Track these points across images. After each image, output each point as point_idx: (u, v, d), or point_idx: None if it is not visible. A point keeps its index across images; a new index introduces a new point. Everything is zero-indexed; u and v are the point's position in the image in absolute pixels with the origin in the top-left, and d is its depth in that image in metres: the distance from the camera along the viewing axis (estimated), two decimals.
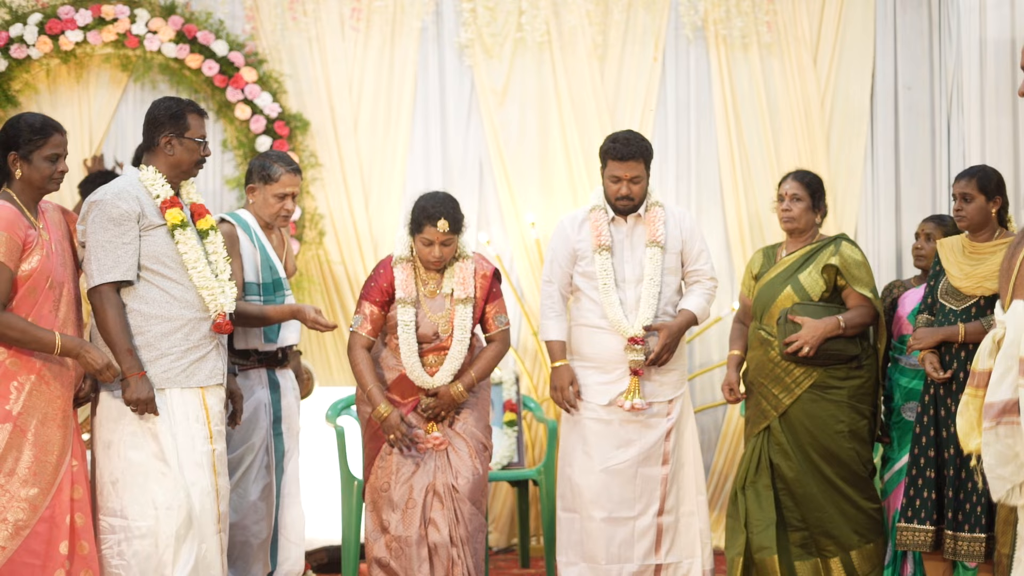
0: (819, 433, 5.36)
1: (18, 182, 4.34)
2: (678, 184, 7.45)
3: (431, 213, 4.96)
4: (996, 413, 3.35)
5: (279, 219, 5.23)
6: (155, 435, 4.42)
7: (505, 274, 7.24)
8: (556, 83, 7.35)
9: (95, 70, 7.14)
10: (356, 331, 5.06)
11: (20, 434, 4.23)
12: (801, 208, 5.51)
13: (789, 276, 5.47)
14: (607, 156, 5.39)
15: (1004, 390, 3.33)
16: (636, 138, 5.36)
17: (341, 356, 7.15)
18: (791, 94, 7.40)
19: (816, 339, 5.29)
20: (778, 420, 5.41)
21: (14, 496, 4.22)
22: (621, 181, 5.34)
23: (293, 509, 5.17)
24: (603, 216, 5.41)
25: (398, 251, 5.13)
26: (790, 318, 5.35)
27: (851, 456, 5.36)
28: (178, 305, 4.48)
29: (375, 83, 7.28)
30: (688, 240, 5.45)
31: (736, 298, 7.34)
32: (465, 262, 5.11)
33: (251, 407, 5.06)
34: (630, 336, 5.30)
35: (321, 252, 7.11)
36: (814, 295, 5.40)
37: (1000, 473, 3.36)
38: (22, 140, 4.32)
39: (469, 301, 5.06)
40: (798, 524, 5.39)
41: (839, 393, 5.37)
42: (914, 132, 7.40)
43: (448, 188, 7.31)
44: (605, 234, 5.38)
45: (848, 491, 5.36)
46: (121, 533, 4.39)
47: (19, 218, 4.25)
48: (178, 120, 4.57)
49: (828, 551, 5.37)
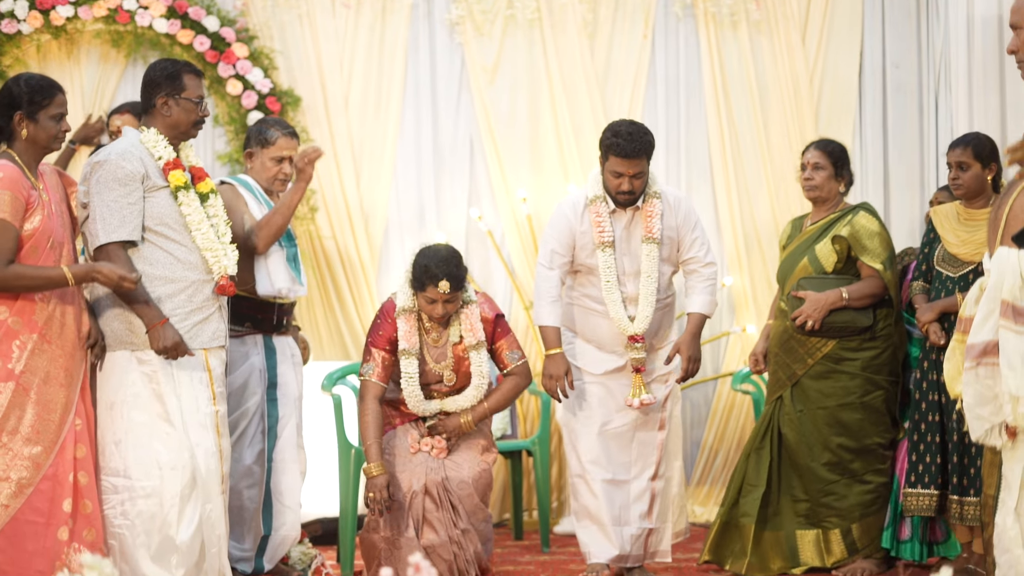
0: (829, 403, 5.39)
1: (22, 142, 4.34)
2: (667, 161, 7.49)
3: (433, 273, 4.90)
4: (977, 354, 3.41)
5: (276, 183, 5.25)
6: (160, 396, 4.43)
7: (496, 249, 7.27)
8: (546, 60, 7.38)
9: (86, 46, 7.12)
10: (368, 379, 5.01)
11: (23, 393, 4.23)
12: (823, 177, 5.50)
13: (808, 247, 5.49)
14: (610, 151, 5.14)
15: (986, 331, 3.39)
16: (640, 132, 5.12)
17: (332, 332, 7.18)
18: (780, 72, 7.44)
19: (819, 312, 5.31)
20: (790, 390, 5.45)
21: (17, 454, 4.22)
22: (623, 176, 5.13)
23: (289, 475, 5.17)
24: (604, 208, 5.22)
25: (401, 301, 5.05)
26: (794, 294, 5.39)
27: (860, 427, 5.39)
28: (181, 267, 4.49)
29: (366, 60, 7.29)
30: (682, 226, 5.28)
31: (727, 273, 7.41)
32: (471, 307, 5.07)
33: (246, 373, 5.07)
34: (630, 335, 5.22)
35: (312, 227, 7.12)
36: (827, 266, 5.42)
37: (979, 413, 3.42)
38: (27, 100, 4.32)
39: (482, 346, 5.07)
40: (801, 496, 5.43)
41: (852, 364, 5.39)
42: (902, 110, 7.46)
43: (439, 165, 7.36)
44: (608, 229, 5.20)
45: (854, 464, 5.38)
46: (125, 493, 4.39)
47: (22, 177, 4.26)
48: (174, 80, 4.57)
49: (829, 523, 5.40)
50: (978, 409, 3.42)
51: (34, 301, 4.26)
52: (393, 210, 7.32)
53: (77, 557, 4.24)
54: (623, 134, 5.10)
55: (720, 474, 7.33)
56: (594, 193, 5.23)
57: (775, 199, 7.40)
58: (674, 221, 5.26)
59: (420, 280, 4.93)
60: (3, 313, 4.22)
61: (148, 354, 4.43)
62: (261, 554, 5.11)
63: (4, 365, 4.21)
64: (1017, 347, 3.30)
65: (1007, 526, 3.37)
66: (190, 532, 4.41)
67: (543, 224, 7.28)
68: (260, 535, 5.11)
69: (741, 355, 7.34)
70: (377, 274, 7.25)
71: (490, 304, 5.16)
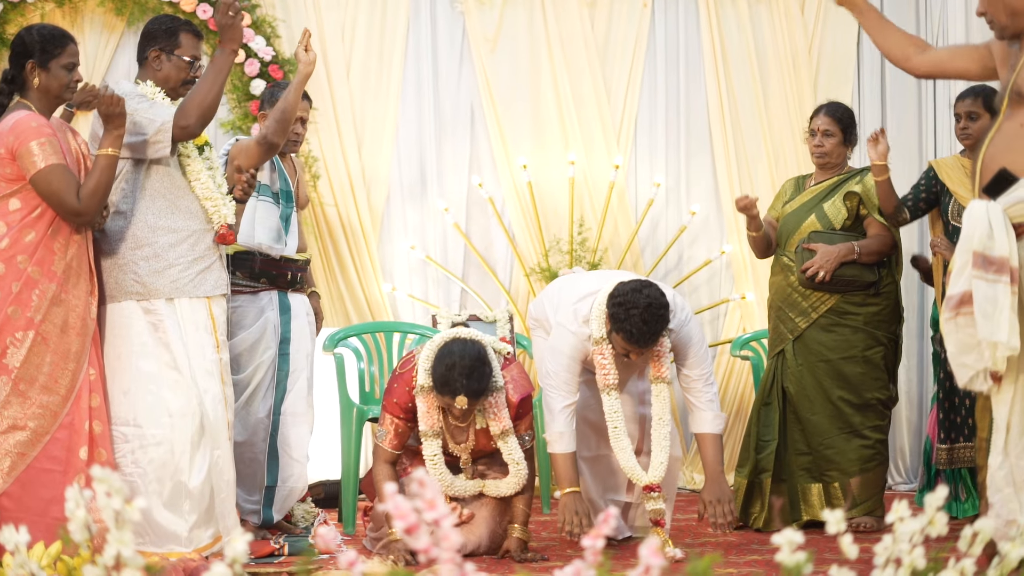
0: (831, 356, 5.44)
1: (35, 91, 4.36)
2: (667, 132, 7.53)
3: (453, 387, 4.55)
4: (955, 304, 3.47)
5: (289, 144, 5.30)
6: (167, 344, 4.47)
7: (497, 216, 7.32)
8: (547, 30, 7.42)
9: (89, 15, 7.16)
10: (380, 445, 4.81)
11: (42, 342, 4.27)
12: (833, 143, 5.55)
13: (814, 205, 5.53)
14: (619, 331, 4.62)
15: (962, 282, 3.45)
16: (655, 319, 4.58)
17: (335, 298, 7.22)
18: (779, 42, 7.49)
19: (831, 263, 5.35)
20: (792, 344, 5.50)
21: (35, 403, 4.26)
22: (631, 352, 4.71)
23: (297, 427, 5.21)
24: (608, 349, 4.75)
25: (421, 377, 4.68)
26: (804, 246, 5.43)
27: (861, 381, 5.44)
28: (183, 216, 4.53)
29: (367, 28, 7.33)
30: (683, 347, 4.85)
31: (726, 241, 7.46)
32: (498, 395, 4.72)
33: (260, 328, 5.11)
34: (645, 485, 4.80)
35: (315, 195, 7.17)
36: (836, 223, 5.47)
37: (963, 361, 3.48)
38: (39, 48, 4.34)
39: (509, 432, 4.74)
40: (804, 448, 5.48)
41: (855, 319, 5.45)
42: (900, 79, 7.49)
43: (440, 133, 7.40)
44: (612, 371, 4.77)
45: (854, 418, 5.44)
46: (135, 441, 4.42)
47: (47, 122, 4.31)
48: (171, 36, 4.58)
49: (830, 476, 5.45)
50: (961, 357, 3.48)
51: (53, 252, 4.30)
52: (395, 177, 7.37)
53: (92, 504, 4.28)
54: (636, 322, 4.56)
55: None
56: (600, 334, 4.75)
57: (774, 168, 7.44)
58: (679, 347, 4.86)
59: (438, 384, 4.58)
60: (23, 263, 4.26)
61: (154, 304, 4.47)
62: (269, 505, 5.16)
63: (24, 314, 4.25)
64: (987, 294, 3.37)
65: (997, 465, 3.43)
66: (201, 478, 4.45)
67: (543, 192, 7.35)
68: (263, 485, 5.16)
69: (741, 322, 7.40)
70: (379, 241, 7.29)
71: (517, 383, 4.78)
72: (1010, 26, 3.61)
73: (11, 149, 4.24)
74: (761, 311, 7.23)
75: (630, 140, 7.48)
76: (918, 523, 2.19)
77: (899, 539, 2.15)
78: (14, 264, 4.25)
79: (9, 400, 4.24)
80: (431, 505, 1.99)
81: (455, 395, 4.54)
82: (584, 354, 4.82)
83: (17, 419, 4.24)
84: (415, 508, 1.96)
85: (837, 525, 2.21)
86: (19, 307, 4.25)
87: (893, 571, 2.16)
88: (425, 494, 1.98)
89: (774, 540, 2.07)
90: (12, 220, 4.26)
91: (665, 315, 4.60)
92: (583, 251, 7.16)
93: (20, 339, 4.25)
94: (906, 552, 2.15)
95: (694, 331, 4.86)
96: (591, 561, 2.02)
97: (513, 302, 7.28)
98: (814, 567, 2.03)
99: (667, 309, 4.60)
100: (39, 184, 4.25)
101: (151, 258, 4.47)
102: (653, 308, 4.56)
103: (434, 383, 4.59)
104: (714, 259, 7.39)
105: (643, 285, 4.64)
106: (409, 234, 7.34)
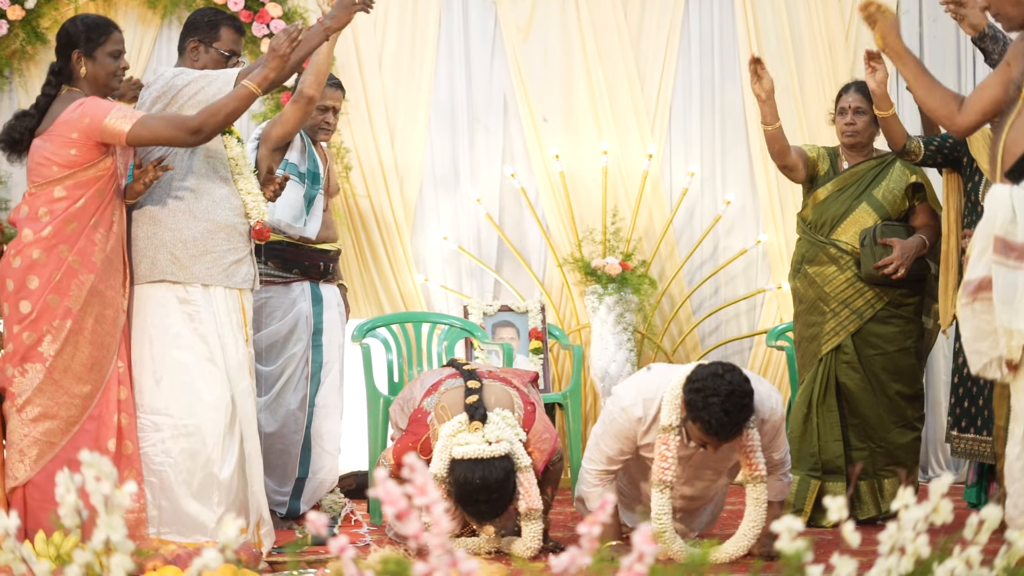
0: (889, 348, 5.34)
1: (83, 81, 4.37)
2: (702, 120, 7.47)
3: (480, 517, 4.54)
4: (972, 290, 3.41)
5: (320, 132, 5.29)
6: (202, 336, 4.45)
7: (530, 207, 7.28)
8: (580, 18, 7.37)
9: (123, 8, 7.19)
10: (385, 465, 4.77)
11: (78, 331, 4.29)
12: (865, 121, 5.43)
13: (861, 192, 5.40)
14: (696, 420, 4.25)
15: (980, 267, 3.40)
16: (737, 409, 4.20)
17: (367, 289, 7.20)
18: (815, 28, 7.40)
19: (909, 260, 5.26)
20: (851, 338, 5.36)
21: (67, 392, 4.28)
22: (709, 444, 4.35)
23: (330, 420, 5.22)
24: (675, 441, 4.37)
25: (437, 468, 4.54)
26: (880, 241, 5.29)
27: (913, 373, 5.37)
28: (222, 207, 4.51)
29: (399, 19, 7.31)
30: (771, 437, 4.49)
31: (762, 231, 7.38)
32: (525, 473, 4.58)
33: (293, 320, 5.13)
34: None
35: (347, 186, 7.16)
36: (893, 213, 5.36)
37: (977, 348, 3.42)
38: (83, 38, 4.35)
39: (536, 516, 4.59)
40: (859, 444, 5.37)
41: (908, 309, 5.37)
42: (939, 64, 7.39)
43: (472, 122, 7.37)
44: (672, 467, 4.38)
45: (907, 410, 5.35)
46: (167, 431, 4.40)
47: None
48: (211, 28, 4.57)
49: (884, 471, 5.35)
50: (976, 344, 3.43)
51: (93, 243, 4.32)
52: (427, 168, 7.34)
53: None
54: (716, 412, 4.16)
55: None
56: (668, 422, 4.35)
57: None
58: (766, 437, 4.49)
59: (460, 500, 4.50)
60: (65, 252, 4.28)
61: (191, 292, 4.45)
62: (297, 496, 5.16)
63: (63, 303, 4.27)
64: (1008, 281, 3.31)
65: (1015, 455, 3.36)
66: (231, 469, 4.43)
67: (576, 181, 7.30)
68: (295, 477, 5.16)
69: (777, 312, 7.32)
70: (411, 232, 7.27)
71: (541, 449, 4.68)
72: (1017, 16, 3.57)
73: (85, 130, 4.25)
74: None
75: (664, 129, 7.41)
76: (921, 511, 2.14)
77: (903, 527, 2.11)
78: (56, 253, 4.27)
79: (42, 388, 4.26)
80: (421, 490, 1.96)
81: (481, 522, 4.52)
82: (634, 441, 4.50)
83: (48, 407, 4.27)
84: (405, 493, 1.93)
85: (839, 512, 2.17)
86: (58, 295, 4.27)
87: (897, 559, 2.11)
88: (416, 479, 1.95)
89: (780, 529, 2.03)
90: (56, 209, 4.28)
91: (749, 404, 4.21)
92: (616, 241, 7.11)
93: (57, 328, 4.27)
94: (910, 540, 2.11)
95: (782, 420, 4.52)
96: (587, 548, 1.98)
97: (547, 293, 7.24)
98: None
99: (751, 397, 4.21)
100: (142, 136, 4.24)
101: (188, 242, 4.43)
102: (736, 396, 4.16)
103: (455, 499, 4.49)
104: (750, 248, 7.32)
105: (724, 369, 4.25)
106: (442, 225, 7.32)
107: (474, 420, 4.59)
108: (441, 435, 4.60)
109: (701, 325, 7.37)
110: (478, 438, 4.53)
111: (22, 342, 4.26)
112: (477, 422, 4.58)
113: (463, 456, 4.50)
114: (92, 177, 4.31)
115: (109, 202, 4.36)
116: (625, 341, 6.86)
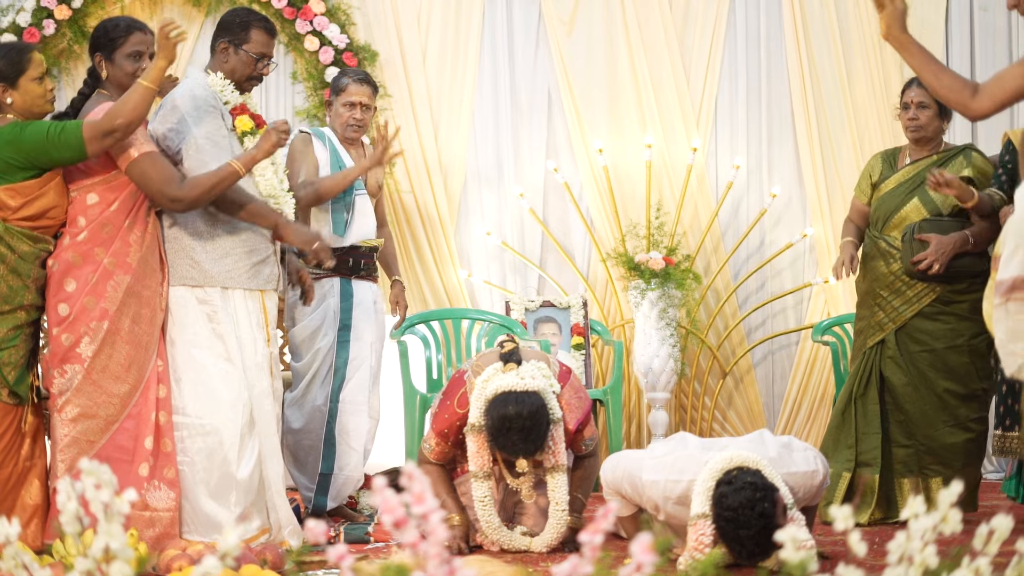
0: (937, 345, 5.23)
1: (107, 83, 4.42)
2: (748, 114, 7.40)
3: (514, 449, 4.48)
4: (1006, 290, 3.32)
5: (350, 129, 5.29)
6: (221, 336, 4.46)
7: (574, 202, 7.24)
8: (624, 11, 7.32)
9: (168, 5, 7.23)
10: (425, 454, 4.75)
11: (115, 332, 4.33)
12: (929, 115, 5.31)
13: (915, 187, 5.29)
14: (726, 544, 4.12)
15: (1013, 267, 3.30)
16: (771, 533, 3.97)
17: (412, 284, 7.17)
18: (863, 19, 7.29)
19: (945, 256, 5.12)
20: (895, 333, 5.28)
21: (106, 391, 4.31)
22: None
23: (357, 416, 5.20)
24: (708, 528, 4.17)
25: (473, 417, 4.57)
26: (917, 237, 5.19)
27: (967, 372, 5.22)
28: None
29: (443, 13, 7.30)
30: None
31: (808, 224, 7.30)
32: (555, 428, 4.57)
33: (321, 315, 5.13)
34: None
35: (391, 182, 7.17)
36: (944, 208, 5.24)
37: (1012, 349, 3.33)
38: (104, 40, 4.40)
39: (560, 470, 4.60)
40: (904, 441, 5.26)
41: (961, 307, 5.22)
42: (990, 54, 7.28)
43: (516, 117, 7.35)
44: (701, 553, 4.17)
45: (959, 411, 5.22)
46: (185, 430, 4.42)
47: None
48: (242, 30, 4.54)
49: (930, 470, 5.24)
50: (1011, 345, 3.33)
51: (129, 244, 4.35)
52: (471, 163, 7.33)
53: (156, 493, 4.34)
54: (749, 545, 4.04)
55: (804, 428, 7.24)
56: (702, 511, 4.17)
57: (858, 149, 7.26)
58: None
59: (494, 438, 4.49)
60: (100, 254, 4.32)
61: (209, 293, 4.47)
62: (323, 492, 5.16)
63: (99, 304, 4.31)
64: None
65: None
66: (248, 469, 4.44)
67: (620, 176, 7.26)
68: (318, 472, 5.16)
69: (824, 307, 7.24)
70: (455, 227, 7.26)
71: (573, 408, 4.66)
72: None
73: None
74: (846, 296, 7.08)
75: (709, 122, 7.35)
76: (931, 520, 2.10)
77: (912, 536, 2.07)
78: (92, 256, 4.31)
79: (82, 388, 4.30)
80: (419, 499, 1.95)
81: (515, 455, 4.49)
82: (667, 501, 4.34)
83: (87, 407, 4.31)
84: (403, 502, 1.93)
85: (846, 521, 2.14)
86: (95, 297, 4.31)
87: (905, 569, 2.07)
88: (414, 488, 1.94)
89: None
90: (92, 215, 4.33)
91: (779, 525, 3.81)
92: (661, 235, 7.05)
93: (95, 329, 4.30)
94: (917, 550, 2.07)
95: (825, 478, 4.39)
96: (589, 557, 1.96)
97: (591, 288, 7.21)
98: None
99: (779, 521, 4.01)
100: (133, 172, 4.30)
101: (209, 246, 4.46)
102: (769, 529, 3.95)
103: (490, 436, 4.49)
104: (796, 242, 7.24)
105: (756, 497, 4.02)
106: (485, 220, 7.30)
107: (508, 363, 4.59)
108: (476, 384, 4.59)
109: (747, 320, 7.31)
110: (512, 375, 4.54)
111: (61, 344, 4.31)
112: (512, 363, 4.59)
113: (496, 390, 4.49)
114: (124, 180, 4.35)
115: (143, 203, 4.40)
116: (668, 336, 6.81)
